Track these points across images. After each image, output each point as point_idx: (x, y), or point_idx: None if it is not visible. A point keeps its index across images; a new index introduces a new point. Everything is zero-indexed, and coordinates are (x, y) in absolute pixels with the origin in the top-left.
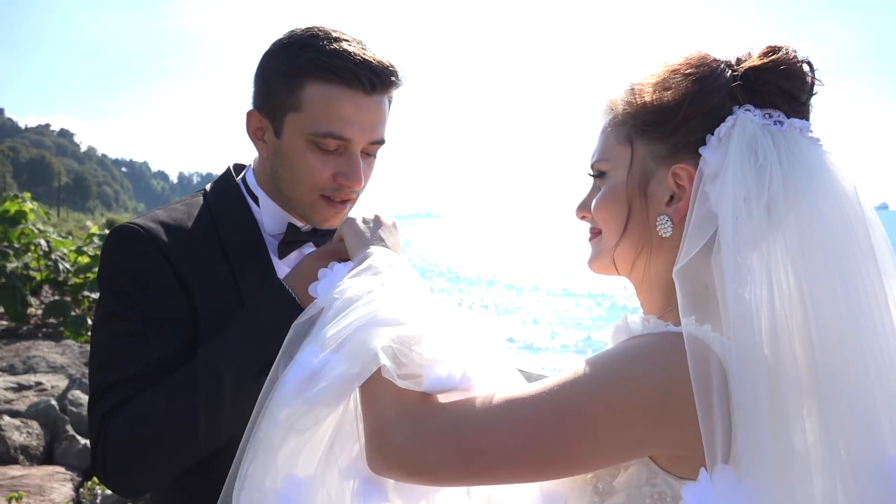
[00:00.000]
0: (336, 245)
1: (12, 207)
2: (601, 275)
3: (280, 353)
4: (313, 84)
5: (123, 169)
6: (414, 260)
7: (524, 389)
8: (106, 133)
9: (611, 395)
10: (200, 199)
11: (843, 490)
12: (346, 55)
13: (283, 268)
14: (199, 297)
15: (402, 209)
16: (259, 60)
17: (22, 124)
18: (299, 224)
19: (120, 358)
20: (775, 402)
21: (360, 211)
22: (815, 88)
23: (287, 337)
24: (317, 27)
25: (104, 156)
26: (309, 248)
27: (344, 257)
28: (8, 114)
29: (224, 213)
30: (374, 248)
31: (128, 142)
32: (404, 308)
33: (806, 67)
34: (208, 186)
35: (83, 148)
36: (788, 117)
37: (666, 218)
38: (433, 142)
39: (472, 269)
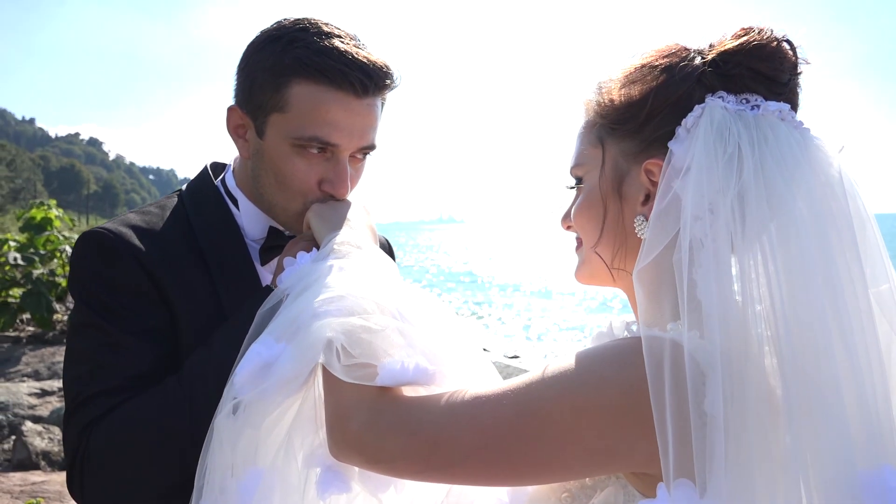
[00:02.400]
0: (307, 234)
1: (38, 214)
2: (589, 285)
3: (245, 342)
4: (300, 84)
5: (151, 177)
6: (435, 264)
7: (490, 386)
8: (133, 141)
9: (576, 395)
10: (175, 201)
11: None
12: (336, 54)
13: (266, 274)
14: (178, 306)
15: (425, 215)
16: (243, 52)
17: (52, 133)
18: (281, 228)
19: (100, 369)
20: (741, 415)
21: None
22: (800, 68)
23: (252, 326)
24: (307, 19)
25: (132, 164)
26: None
27: (317, 245)
28: (39, 123)
29: (202, 217)
30: (339, 231)
31: (155, 150)
32: (360, 294)
33: (785, 46)
34: (184, 187)
35: (111, 156)
36: (767, 101)
37: (642, 218)
38: (455, 146)
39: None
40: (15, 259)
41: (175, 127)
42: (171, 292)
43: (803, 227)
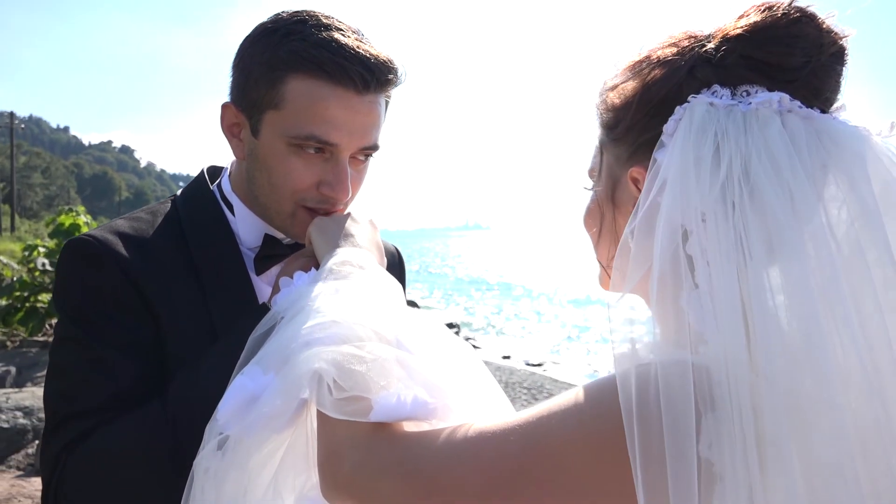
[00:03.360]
0: (307, 250)
1: (67, 220)
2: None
3: (235, 370)
4: (296, 79)
5: (181, 183)
6: (465, 271)
7: (497, 421)
8: (164, 148)
9: (590, 431)
10: (168, 207)
11: None
12: (335, 47)
13: (261, 285)
14: (165, 319)
15: (451, 221)
16: (239, 45)
17: (86, 141)
18: (279, 236)
19: (80, 386)
20: (735, 461)
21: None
22: (825, 49)
23: (243, 352)
24: (306, 12)
25: (162, 171)
26: None
27: (317, 263)
28: (73, 131)
29: (195, 222)
30: (340, 249)
31: (185, 157)
32: (355, 320)
33: (804, 24)
34: (179, 192)
35: (143, 163)
36: (768, 92)
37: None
38: (481, 152)
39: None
40: (43, 265)
41: (204, 134)
42: (158, 304)
43: (809, 243)
